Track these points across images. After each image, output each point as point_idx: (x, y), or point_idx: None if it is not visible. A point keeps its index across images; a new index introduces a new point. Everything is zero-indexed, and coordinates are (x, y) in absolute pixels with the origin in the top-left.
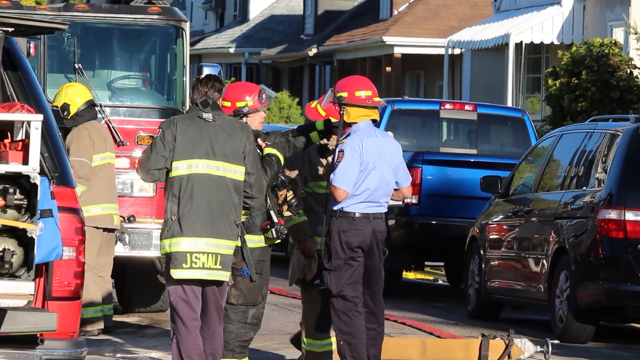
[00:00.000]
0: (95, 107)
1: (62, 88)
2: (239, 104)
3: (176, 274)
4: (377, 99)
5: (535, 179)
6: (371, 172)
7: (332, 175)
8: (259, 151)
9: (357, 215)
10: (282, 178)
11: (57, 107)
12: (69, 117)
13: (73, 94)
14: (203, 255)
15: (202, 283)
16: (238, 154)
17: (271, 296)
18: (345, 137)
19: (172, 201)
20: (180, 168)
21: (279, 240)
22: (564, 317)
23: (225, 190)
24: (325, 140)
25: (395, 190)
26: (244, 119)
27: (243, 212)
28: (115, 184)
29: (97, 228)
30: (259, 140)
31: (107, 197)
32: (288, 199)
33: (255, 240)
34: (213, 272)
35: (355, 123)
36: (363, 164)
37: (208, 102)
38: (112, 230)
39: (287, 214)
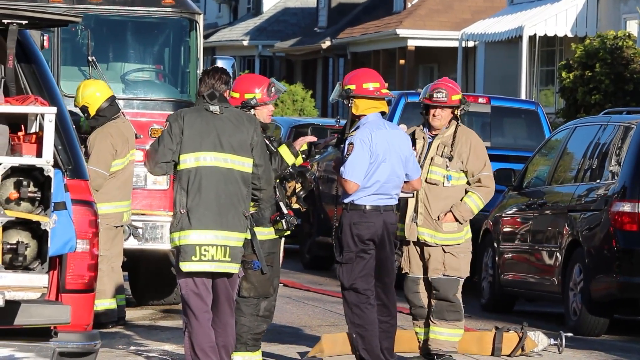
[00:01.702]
0: (117, 102)
1: (79, 88)
2: (247, 96)
3: (186, 266)
4: (385, 90)
5: (549, 172)
6: (381, 164)
7: (342, 168)
8: (274, 150)
9: (367, 207)
10: (291, 170)
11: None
12: (90, 118)
13: (91, 94)
14: (212, 248)
15: (213, 275)
16: (246, 146)
17: (285, 289)
18: (355, 130)
19: (181, 194)
20: (188, 161)
21: (288, 232)
22: (578, 309)
23: (234, 182)
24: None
25: (405, 182)
26: (252, 111)
27: (252, 204)
28: (132, 180)
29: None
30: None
31: (118, 195)
32: (297, 191)
33: (265, 233)
34: (222, 264)
35: (364, 115)
36: (373, 156)
37: (215, 94)
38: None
39: (295, 206)
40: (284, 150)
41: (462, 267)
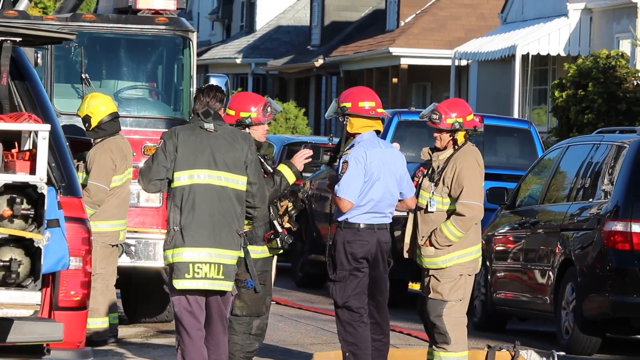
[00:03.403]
0: (119, 119)
1: (86, 98)
2: (242, 114)
3: (179, 284)
4: (380, 110)
5: (541, 191)
6: (375, 182)
7: (336, 186)
8: (269, 168)
9: (361, 226)
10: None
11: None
12: (90, 129)
13: (96, 105)
14: (205, 266)
15: (206, 293)
16: (240, 164)
17: (277, 307)
18: (349, 148)
19: (175, 211)
20: (182, 178)
21: (281, 251)
22: (570, 328)
23: (228, 200)
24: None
25: (399, 201)
26: (247, 130)
27: (246, 222)
28: (128, 199)
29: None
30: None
31: (117, 214)
32: (288, 209)
33: (258, 251)
34: (216, 282)
35: (359, 134)
36: (367, 175)
37: (210, 112)
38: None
39: (287, 225)
40: (285, 170)
41: (445, 290)
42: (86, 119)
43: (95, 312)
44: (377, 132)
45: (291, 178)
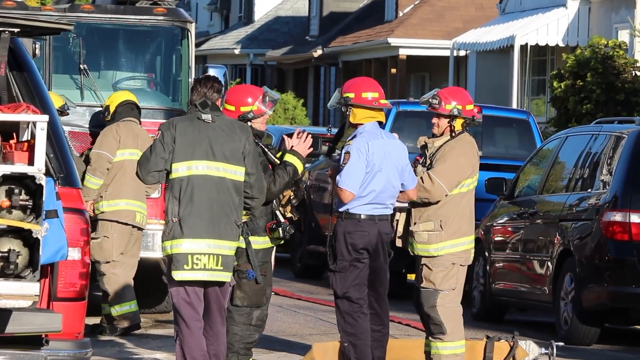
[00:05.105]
0: (137, 109)
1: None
2: (243, 109)
3: (178, 275)
4: (383, 101)
5: (540, 181)
6: (377, 173)
7: (338, 177)
8: (274, 158)
9: (362, 216)
10: None
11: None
12: (108, 118)
13: (115, 97)
14: (204, 257)
15: (204, 284)
16: (238, 155)
17: (276, 298)
18: (351, 139)
19: (173, 203)
20: (180, 170)
21: (283, 241)
22: (569, 319)
23: (226, 191)
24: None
25: (400, 192)
26: (249, 123)
27: (244, 212)
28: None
29: (121, 223)
30: (287, 142)
31: (132, 194)
32: (290, 199)
33: (260, 242)
34: (214, 273)
35: (361, 124)
36: (369, 166)
37: (207, 103)
38: (140, 229)
39: (289, 215)
40: (294, 160)
41: (437, 280)
42: (105, 109)
43: (121, 297)
44: (380, 123)
45: (300, 167)
